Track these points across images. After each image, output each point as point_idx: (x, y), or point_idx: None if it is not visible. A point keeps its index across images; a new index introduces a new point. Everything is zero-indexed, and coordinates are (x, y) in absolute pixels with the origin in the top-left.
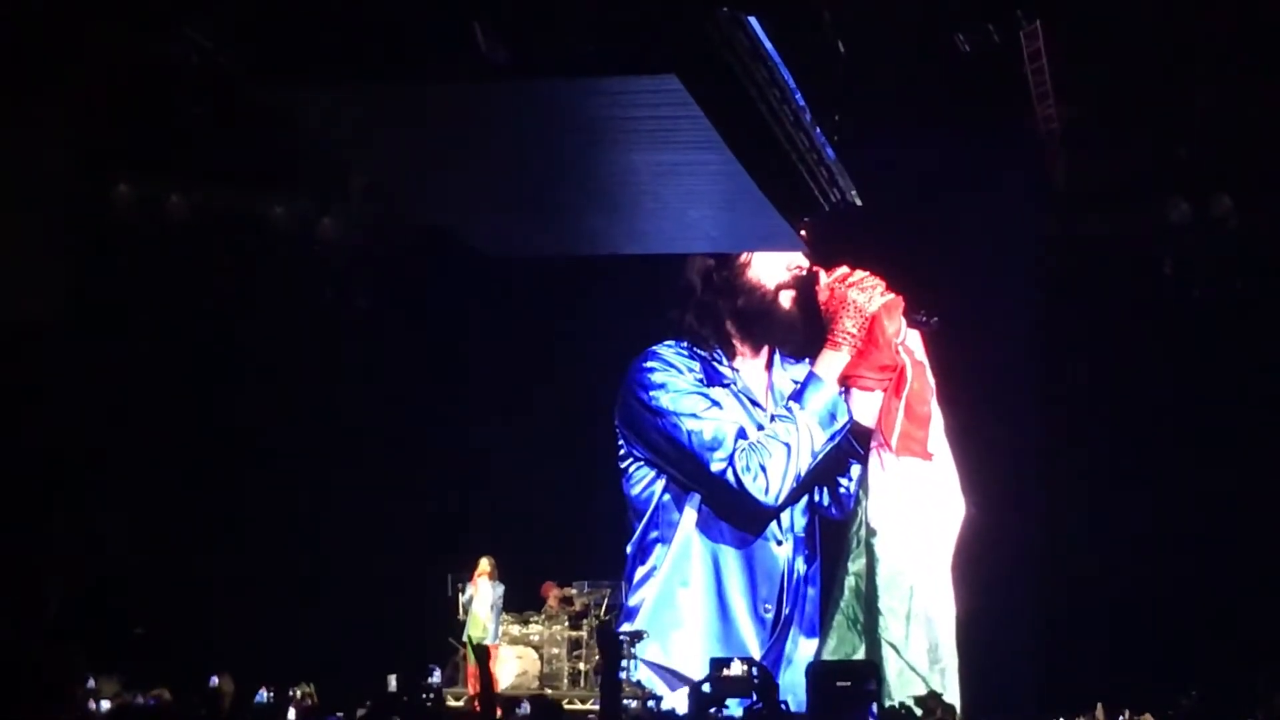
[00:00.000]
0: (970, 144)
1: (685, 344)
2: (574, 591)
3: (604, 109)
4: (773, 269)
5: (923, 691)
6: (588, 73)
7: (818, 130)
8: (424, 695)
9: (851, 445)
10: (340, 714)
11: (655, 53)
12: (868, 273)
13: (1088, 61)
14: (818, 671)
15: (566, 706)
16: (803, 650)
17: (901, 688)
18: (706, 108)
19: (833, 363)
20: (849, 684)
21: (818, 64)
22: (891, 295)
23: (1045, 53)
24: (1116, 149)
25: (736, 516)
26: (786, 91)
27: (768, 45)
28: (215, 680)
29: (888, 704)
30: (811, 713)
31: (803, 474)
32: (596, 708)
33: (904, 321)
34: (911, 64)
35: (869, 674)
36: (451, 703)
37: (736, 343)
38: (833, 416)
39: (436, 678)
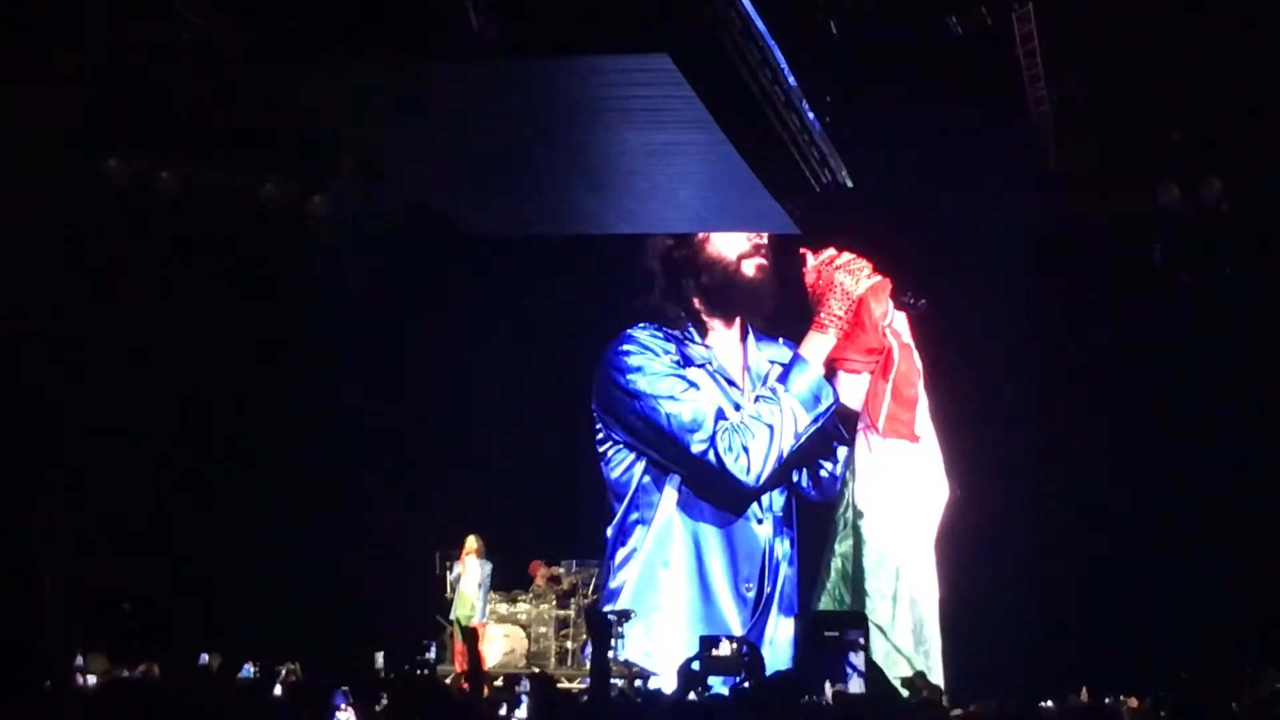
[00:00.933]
0: (961, 126)
1: (658, 325)
2: (561, 570)
3: (596, 88)
4: (732, 240)
5: (908, 672)
6: (580, 51)
7: (809, 111)
8: (419, 670)
9: (836, 428)
10: (344, 688)
11: (648, 32)
12: (855, 255)
13: (1079, 44)
14: (809, 621)
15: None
16: (782, 630)
17: (888, 669)
18: (698, 87)
19: (818, 345)
20: (836, 634)
21: (809, 44)
22: (879, 277)
23: (1037, 35)
24: (1108, 132)
25: (717, 496)
26: (778, 72)
27: (760, 25)
28: (205, 658)
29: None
30: (797, 660)
31: (785, 455)
32: (584, 686)
33: (891, 304)
34: (903, 45)
35: (856, 624)
36: None
37: (706, 319)
38: (817, 399)
39: (432, 654)
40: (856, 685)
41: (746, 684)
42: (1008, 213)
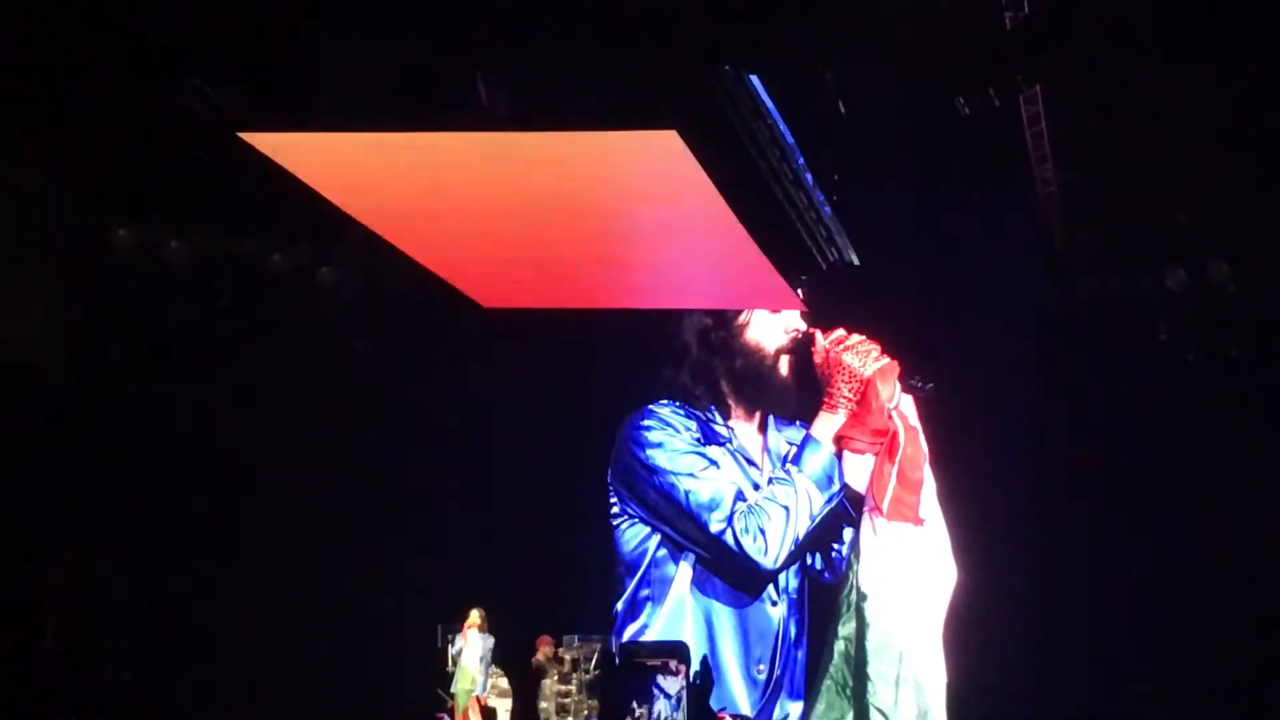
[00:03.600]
0: (968, 207)
1: (680, 403)
2: (562, 650)
3: (603, 162)
4: (770, 332)
5: None
6: (587, 126)
7: (817, 190)
8: None
9: (844, 509)
10: None
11: (656, 108)
12: (864, 336)
13: (1087, 126)
14: (624, 651)
15: None
16: (789, 712)
17: None
18: (706, 164)
19: (829, 425)
20: (655, 663)
21: (818, 123)
22: (886, 360)
23: (1044, 117)
24: (1115, 214)
25: (732, 576)
26: (786, 150)
27: (769, 103)
28: None
29: None
30: (619, 689)
31: (801, 537)
32: None
33: (898, 386)
34: (911, 126)
35: (673, 654)
36: None
37: (731, 403)
38: (830, 479)
39: None
40: (662, 707)
41: None
42: (1014, 294)
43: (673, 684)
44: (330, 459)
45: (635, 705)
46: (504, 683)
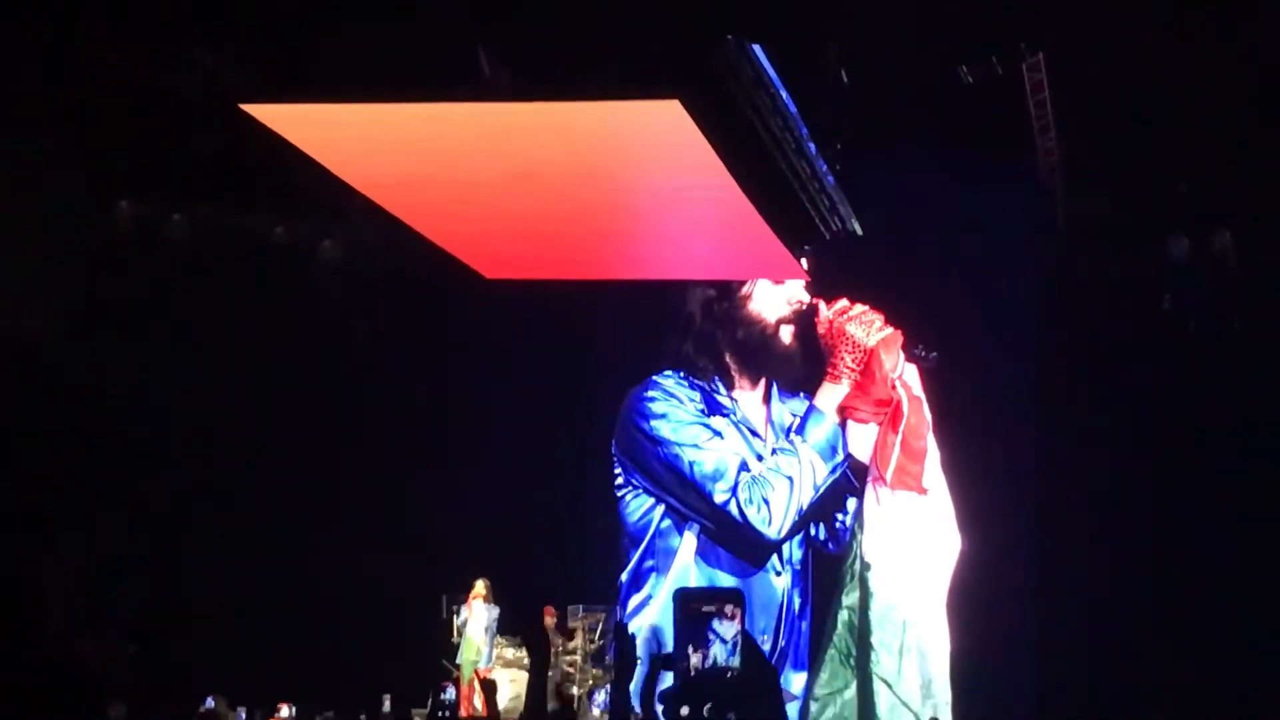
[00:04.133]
0: (972, 176)
1: (684, 374)
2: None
3: (605, 133)
4: (773, 302)
5: None
6: (589, 96)
7: (820, 159)
8: (441, 712)
9: (848, 479)
10: None
11: (658, 77)
12: (867, 307)
13: (1090, 95)
14: (680, 597)
15: None
16: (793, 684)
17: None
18: (708, 134)
19: (833, 395)
20: (711, 609)
21: (820, 92)
22: (890, 330)
23: (1048, 85)
24: (1117, 183)
25: (737, 547)
26: (789, 119)
27: (771, 72)
28: (210, 702)
29: None
30: (675, 634)
31: (805, 507)
32: None
33: (901, 356)
34: (914, 95)
35: (730, 599)
36: None
37: (735, 374)
38: (834, 449)
39: (450, 694)
40: (719, 651)
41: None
42: (1017, 264)
43: (728, 629)
44: (335, 431)
45: (690, 650)
46: (510, 653)
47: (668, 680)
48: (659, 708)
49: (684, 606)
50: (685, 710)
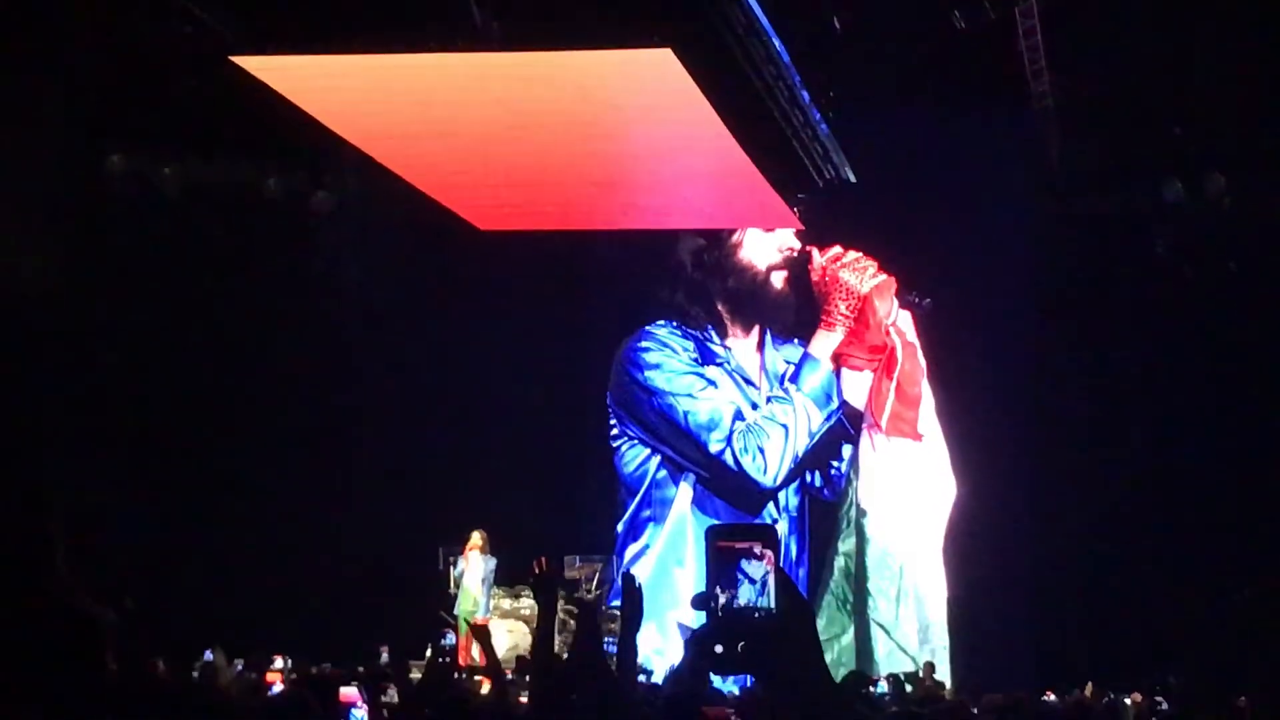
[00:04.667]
0: (965, 122)
1: (678, 324)
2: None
3: (600, 83)
4: (764, 249)
5: (911, 669)
6: (584, 46)
7: (813, 107)
8: (441, 658)
9: (843, 426)
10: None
11: (652, 27)
12: (860, 254)
13: (1082, 39)
14: (713, 534)
15: None
16: None
17: (890, 668)
18: (702, 83)
19: (827, 343)
20: (744, 546)
21: (813, 41)
22: (884, 276)
23: (1040, 30)
24: (1111, 127)
25: (733, 496)
26: (782, 68)
27: (764, 21)
28: (209, 655)
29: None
30: (707, 574)
31: (800, 455)
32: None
33: (895, 303)
34: (906, 41)
35: (760, 536)
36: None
37: (727, 322)
38: (828, 396)
39: (450, 639)
40: (746, 592)
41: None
42: (1011, 209)
43: (757, 569)
44: (328, 384)
45: (719, 589)
46: (507, 604)
47: (700, 620)
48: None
49: (713, 544)
50: (719, 649)
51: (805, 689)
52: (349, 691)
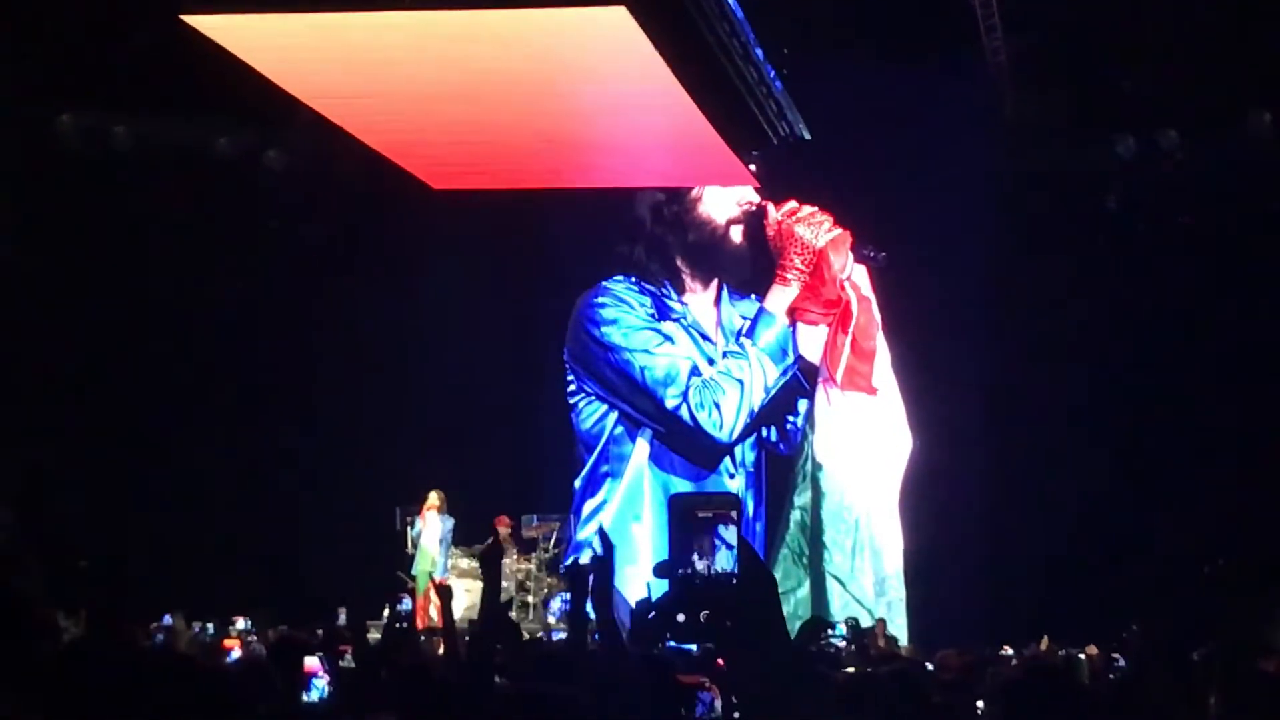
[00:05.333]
0: (919, 77)
1: (635, 279)
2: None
3: (552, 40)
4: (722, 204)
5: (868, 623)
6: (536, 3)
7: (767, 64)
8: (397, 623)
9: (798, 381)
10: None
11: None
12: (815, 208)
13: None
14: (677, 503)
15: None
16: None
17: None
18: (656, 40)
19: (782, 297)
20: (709, 515)
21: None
22: (839, 231)
23: None
24: (1064, 83)
25: (690, 451)
26: (736, 24)
27: None
28: (169, 619)
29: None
30: (671, 541)
31: (756, 410)
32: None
33: (850, 257)
34: None
35: (726, 504)
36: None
37: (686, 277)
38: (784, 351)
39: (406, 604)
40: (724, 559)
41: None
42: (965, 164)
43: (731, 534)
44: (282, 344)
45: (696, 558)
46: (465, 563)
47: (656, 590)
48: (643, 616)
49: (683, 513)
50: (681, 618)
51: (766, 656)
52: (311, 662)
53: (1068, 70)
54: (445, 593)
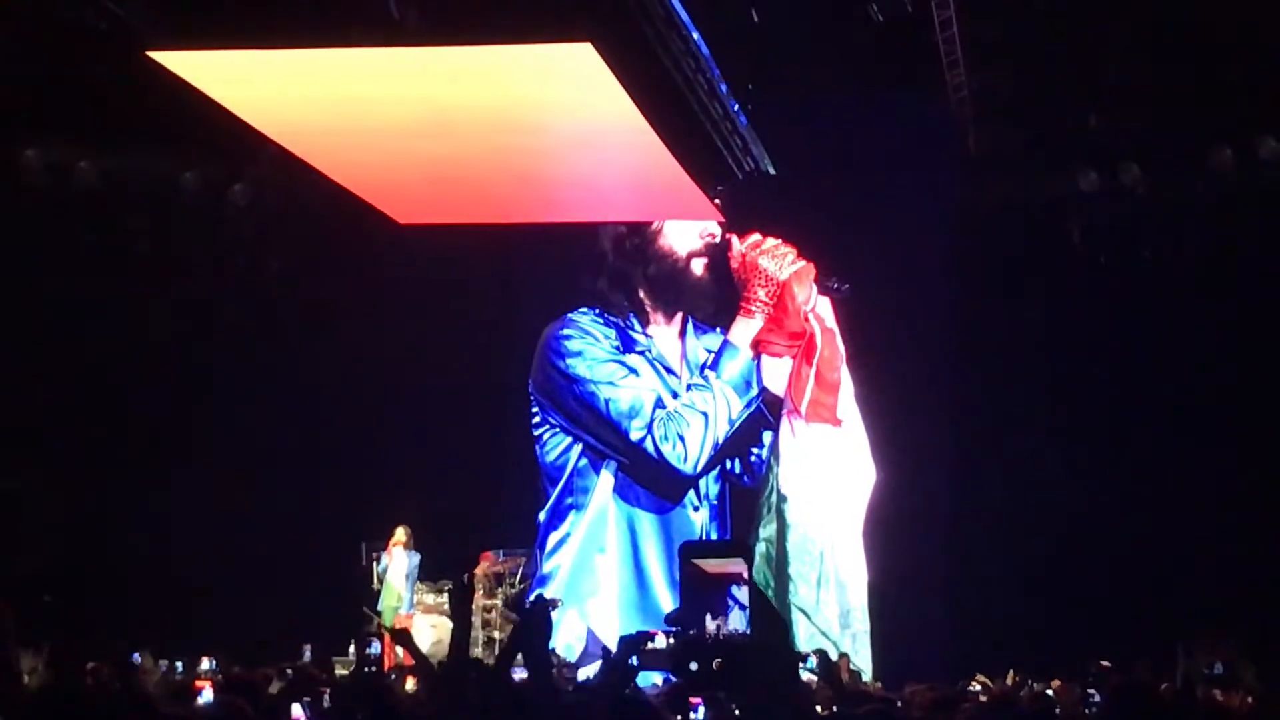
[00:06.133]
0: (883, 112)
1: (599, 311)
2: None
3: (518, 76)
4: (685, 236)
5: (833, 656)
6: (502, 40)
7: (731, 99)
8: (366, 667)
9: (762, 413)
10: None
11: (571, 21)
12: (779, 240)
13: (998, 30)
14: (685, 552)
15: None
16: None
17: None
18: (621, 77)
19: (746, 330)
20: (721, 573)
21: (731, 32)
22: (802, 263)
23: (956, 22)
24: (1027, 117)
25: (654, 483)
26: (700, 60)
27: (682, 13)
28: (137, 657)
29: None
30: (682, 592)
31: (720, 442)
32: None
33: (814, 289)
34: (823, 33)
35: (737, 553)
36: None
37: (649, 310)
38: (748, 384)
39: (375, 648)
40: (737, 619)
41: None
42: (928, 197)
43: (743, 593)
44: (249, 378)
45: (709, 618)
46: (430, 599)
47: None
48: (642, 660)
49: (696, 569)
50: (694, 666)
51: (783, 706)
52: (296, 710)
53: (1031, 104)
54: (402, 638)
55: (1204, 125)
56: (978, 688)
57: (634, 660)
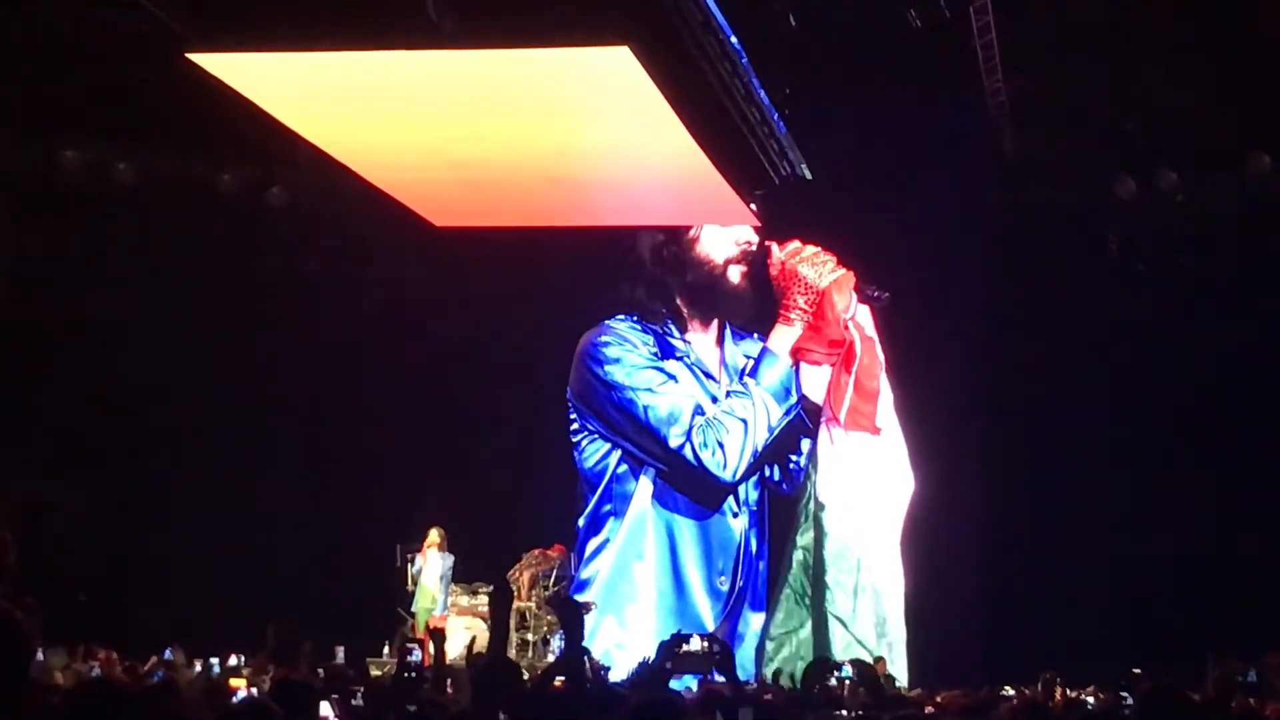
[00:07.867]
0: (920, 118)
1: (637, 318)
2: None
3: (555, 80)
4: (721, 244)
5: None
6: (539, 43)
7: (769, 104)
8: (407, 673)
9: (801, 420)
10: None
11: (608, 24)
12: (819, 248)
13: (1036, 36)
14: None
15: None
16: (751, 624)
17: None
18: (658, 80)
19: (786, 337)
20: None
21: (769, 37)
22: (842, 270)
23: (994, 27)
24: (1064, 123)
25: (693, 490)
26: (738, 64)
27: (720, 17)
28: (169, 653)
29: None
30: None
31: (760, 449)
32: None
33: (854, 297)
34: (862, 38)
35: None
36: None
37: (687, 317)
38: (788, 391)
39: (416, 656)
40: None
41: (720, 678)
42: (967, 204)
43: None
44: (285, 382)
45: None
46: (465, 600)
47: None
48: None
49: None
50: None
51: None
52: (325, 708)
53: (1068, 110)
54: (437, 636)
55: (1242, 132)
56: (1010, 692)
57: (668, 664)
